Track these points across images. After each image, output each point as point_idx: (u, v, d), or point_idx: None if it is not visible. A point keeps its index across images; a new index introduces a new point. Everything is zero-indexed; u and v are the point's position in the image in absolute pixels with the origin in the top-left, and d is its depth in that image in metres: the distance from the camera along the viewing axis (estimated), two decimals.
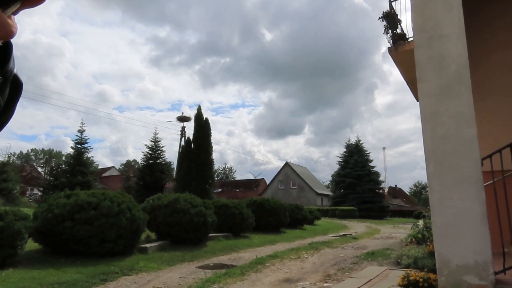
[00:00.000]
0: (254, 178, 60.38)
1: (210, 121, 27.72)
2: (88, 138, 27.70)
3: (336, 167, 45.81)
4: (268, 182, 53.70)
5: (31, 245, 7.57)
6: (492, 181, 3.82)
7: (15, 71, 0.46)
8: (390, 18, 7.29)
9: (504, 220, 3.66)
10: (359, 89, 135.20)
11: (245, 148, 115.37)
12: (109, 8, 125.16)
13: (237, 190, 53.13)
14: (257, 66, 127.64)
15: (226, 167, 76.89)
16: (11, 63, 0.44)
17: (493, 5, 6.23)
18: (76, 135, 26.32)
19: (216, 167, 36.67)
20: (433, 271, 4.41)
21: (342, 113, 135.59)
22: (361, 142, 43.91)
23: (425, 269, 5.54)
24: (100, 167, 48.31)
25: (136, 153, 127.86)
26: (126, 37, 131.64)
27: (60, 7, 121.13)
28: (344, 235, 16.47)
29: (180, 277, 6.50)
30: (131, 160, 77.43)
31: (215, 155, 27.47)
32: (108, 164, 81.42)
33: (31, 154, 70.06)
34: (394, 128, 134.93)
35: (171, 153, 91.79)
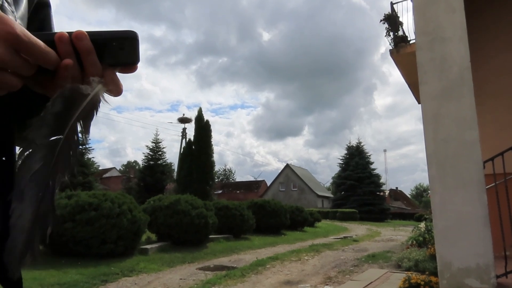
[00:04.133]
0: (254, 179, 60.35)
1: (209, 122, 27.75)
2: (90, 139, 27.73)
3: (336, 168, 45.93)
4: (268, 183, 53.67)
5: None
6: (494, 184, 3.81)
7: None
8: (392, 21, 7.30)
9: (506, 223, 3.65)
10: (357, 90, 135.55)
11: (244, 149, 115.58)
12: (102, 7, 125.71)
13: (238, 191, 53.08)
14: (255, 66, 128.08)
15: (227, 169, 76.89)
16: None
17: (494, 8, 6.23)
18: None
19: (216, 168, 36.60)
20: (434, 274, 4.40)
21: (341, 114, 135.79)
22: (362, 144, 43.92)
23: (426, 272, 5.53)
24: (100, 168, 48.34)
25: (135, 154, 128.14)
26: None
27: (55, 5, 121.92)
28: (345, 237, 16.45)
29: (181, 279, 6.49)
30: (131, 161, 77.54)
31: (214, 156, 27.39)
32: (107, 164, 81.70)
33: None
34: (394, 130, 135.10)
35: (171, 154, 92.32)
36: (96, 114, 0.46)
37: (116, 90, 0.46)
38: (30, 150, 0.39)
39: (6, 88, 0.40)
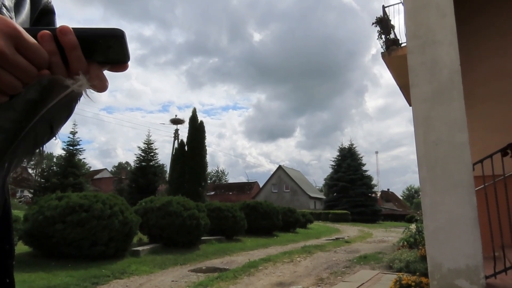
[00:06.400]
0: (247, 181, 60.31)
1: (203, 123, 27.64)
2: (80, 140, 27.42)
3: (327, 170, 46.18)
4: (261, 185, 53.67)
5: (21, 248, 7.47)
6: (483, 185, 3.87)
7: None
8: (384, 24, 7.37)
9: (495, 224, 3.70)
10: (349, 92, 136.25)
11: (236, 151, 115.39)
12: (90, 5, 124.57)
13: (230, 193, 52.99)
14: (246, 66, 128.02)
15: (219, 170, 76.76)
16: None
17: (484, 13, 6.33)
18: (68, 137, 26.03)
19: (208, 169, 36.50)
20: (425, 275, 4.44)
21: (332, 116, 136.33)
22: (354, 146, 44.21)
23: (417, 273, 5.57)
24: (91, 169, 47.90)
25: (126, 155, 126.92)
26: None
27: None
28: (337, 238, 16.52)
29: (173, 281, 6.46)
30: (122, 162, 76.96)
31: (206, 158, 27.28)
32: (97, 165, 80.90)
33: None
34: (385, 132, 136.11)
35: (162, 156, 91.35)
36: (74, 108, 0.45)
37: (100, 85, 0.45)
38: None
39: (6, 89, 0.39)
